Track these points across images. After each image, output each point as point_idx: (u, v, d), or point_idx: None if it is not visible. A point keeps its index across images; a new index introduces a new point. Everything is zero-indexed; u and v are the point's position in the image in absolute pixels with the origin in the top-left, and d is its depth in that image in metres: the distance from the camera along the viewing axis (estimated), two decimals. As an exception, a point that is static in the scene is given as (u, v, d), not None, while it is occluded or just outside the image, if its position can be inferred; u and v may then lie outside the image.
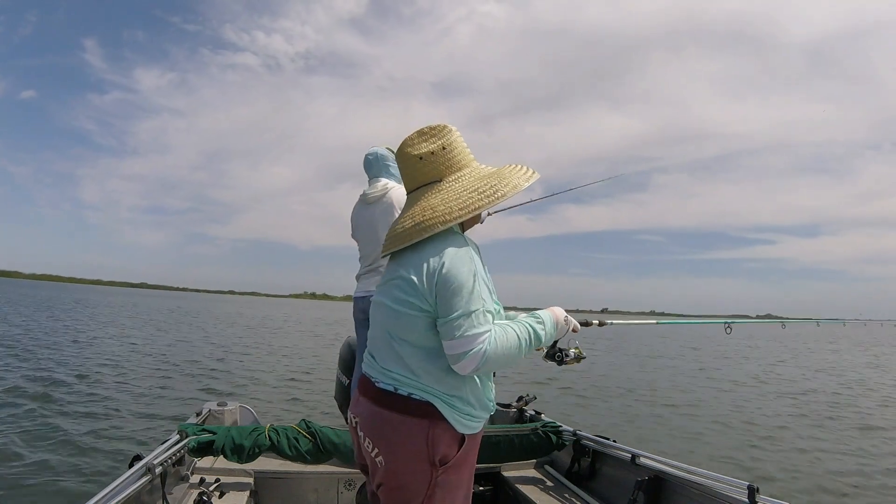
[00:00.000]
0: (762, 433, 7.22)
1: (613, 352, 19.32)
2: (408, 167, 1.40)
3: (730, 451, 6.22)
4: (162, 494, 2.01)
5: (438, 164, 1.36)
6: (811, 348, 27.82)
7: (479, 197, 1.32)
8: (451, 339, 1.25)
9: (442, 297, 1.26)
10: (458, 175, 1.36)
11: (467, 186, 1.34)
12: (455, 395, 1.31)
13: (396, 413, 1.30)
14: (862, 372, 16.27)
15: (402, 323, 1.32)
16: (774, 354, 22.16)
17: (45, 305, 31.20)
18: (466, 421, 1.32)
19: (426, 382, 1.30)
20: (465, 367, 1.26)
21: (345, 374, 2.94)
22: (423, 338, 1.31)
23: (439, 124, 1.39)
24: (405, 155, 1.39)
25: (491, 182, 1.34)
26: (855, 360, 20.65)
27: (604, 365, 14.59)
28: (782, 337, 37.36)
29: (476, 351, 1.24)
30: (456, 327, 1.24)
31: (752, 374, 14.15)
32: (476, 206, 1.31)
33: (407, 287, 1.30)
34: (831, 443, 6.88)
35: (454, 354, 1.26)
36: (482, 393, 1.37)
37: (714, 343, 27.32)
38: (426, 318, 1.29)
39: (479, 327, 1.25)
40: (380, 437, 1.32)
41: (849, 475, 5.48)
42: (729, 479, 1.95)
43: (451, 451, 1.31)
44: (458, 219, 1.30)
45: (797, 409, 9.15)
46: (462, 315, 1.24)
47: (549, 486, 2.65)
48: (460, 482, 1.35)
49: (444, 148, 1.36)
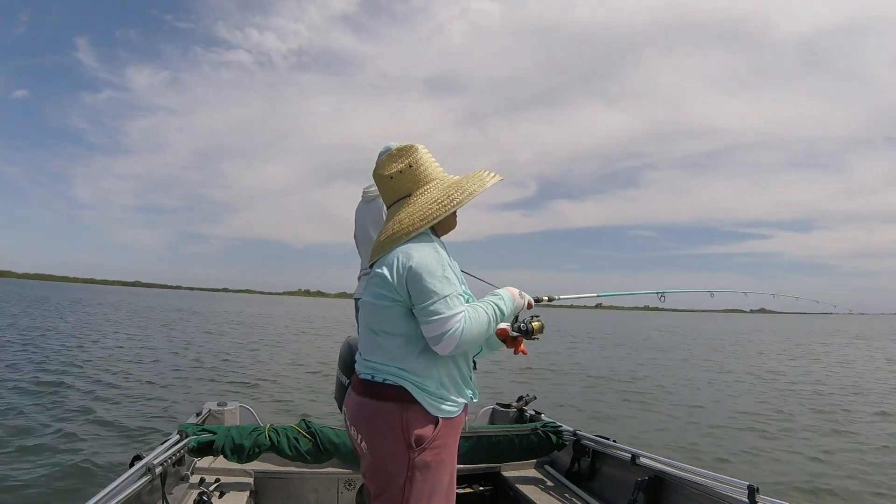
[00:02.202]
0: (763, 431, 7.22)
1: (612, 346, 19.41)
2: (382, 186, 1.58)
3: (730, 451, 6.22)
4: (162, 494, 2.01)
5: (407, 181, 1.54)
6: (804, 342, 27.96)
7: (437, 207, 1.50)
8: (429, 322, 1.38)
9: (414, 286, 1.40)
10: (424, 189, 1.54)
11: (429, 199, 1.51)
12: (428, 378, 1.43)
13: (373, 399, 1.44)
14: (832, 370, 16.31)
15: (379, 315, 1.46)
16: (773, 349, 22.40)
17: (38, 305, 31.06)
18: (439, 404, 1.43)
19: (399, 367, 1.43)
20: (446, 348, 1.39)
21: (344, 374, 2.93)
22: (397, 326, 1.44)
23: (407, 145, 1.56)
24: (378, 177, 1.58)
25: (449, 192, 1.51)
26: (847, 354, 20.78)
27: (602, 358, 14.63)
28: (781, 331, 37.39)
29: (454, 331, 1.38)
30: (432, 311, 1.38)
31: (747, 371, 14.18)
32: (434, 216, 1.48)
33: (380, 282, 1.45)
34: (830, 442, 6.88)
35: (433, 336, 1.39)
36: (458, 377, 1.49)
37: (718, 341, 27.41)
38: (399, 307, 1.43)
39: (454, 309, 1.39)
40: (361, 423, 1.46)
41: (848, 475, 5.48)
42: (729, 479, 1.96)
43: (426, 433, 1.41)
44: (419, 229, 1.47)
45: (798, 407, 9.16)
46: (437, 300, 1.38)
47: (549, 486, 2.65)
48: (440, 466, 1.45)
49: (410, 166, 1.53)
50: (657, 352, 19.93)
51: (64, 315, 24.08)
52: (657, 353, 19.10)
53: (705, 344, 25.44)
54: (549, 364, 13.65)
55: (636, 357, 17.55)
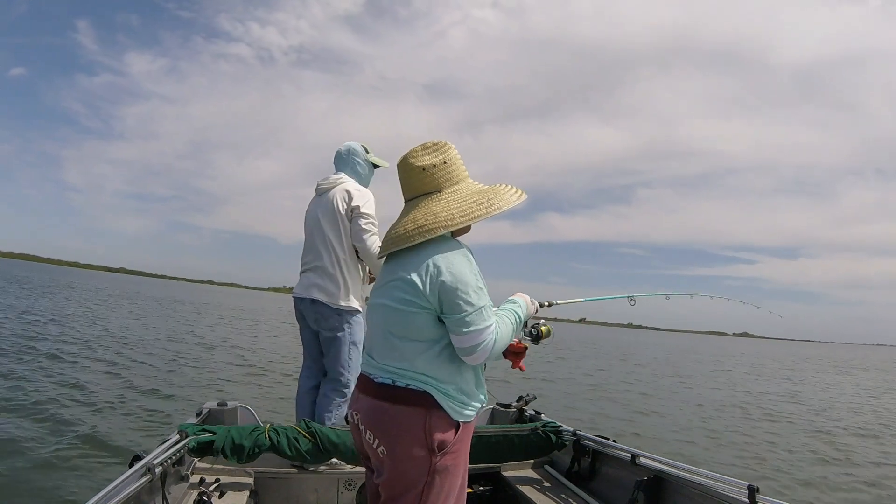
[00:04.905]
0: (764, 432, 7.23)
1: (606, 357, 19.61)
2: (410, 177, 1.52)
3: (731, 450, 6.23)
4: (162, 494, 2.01)
5: (439, 177, 1.50)
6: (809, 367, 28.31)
7: (478, 207, 1.47)
8: (463, 334, 1.39)
9: (447, 295, 1.38)
10: (455, 188, 1.51)
11: (466, 197, 1.48)
12: (450, 383, 1.42)
13: (395, 404, 1.41)
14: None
15: (403, 320, 1.43)
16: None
17: (26, 286, 30.55)
18: (461, 409, 1.44)
19: (423, 373, 1.41)
20: (478, 359, 1.41)
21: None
22: (421, 332, 1.42)
23: (441, 141, 1.54)
24: (409, 166, 1.51)
25: (488, 196, 1.49)
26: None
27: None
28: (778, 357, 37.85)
29: (487, 343, 1.40)
30: (467, 323, 1.38)
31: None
32: (475, 215, 1.46)
33: (407, 287, 1.41)
34: (830, 442, 6.89)
35: (466, 347, 1.40)
36: (475, 382, 1.49)
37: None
38: (426, 314, 1.41)
39: (488, 321, 1.41)
40: (380, 428, 1.43)
41: (849, 474, 5.48)
42: (729, 479, 1.96)
43: (448, 437, 1.41)
44: (458, 224, 1.44)
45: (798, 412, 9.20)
46: (472, 312, 1.38)
47: (548, 487, 2.65)
48: (457, 469, 1.46)
49: (444, 162, 1.50)
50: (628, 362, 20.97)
51: (57, 302, 23.59)
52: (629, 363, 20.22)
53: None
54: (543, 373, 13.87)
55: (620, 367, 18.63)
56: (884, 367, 36.87)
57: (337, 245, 2.78)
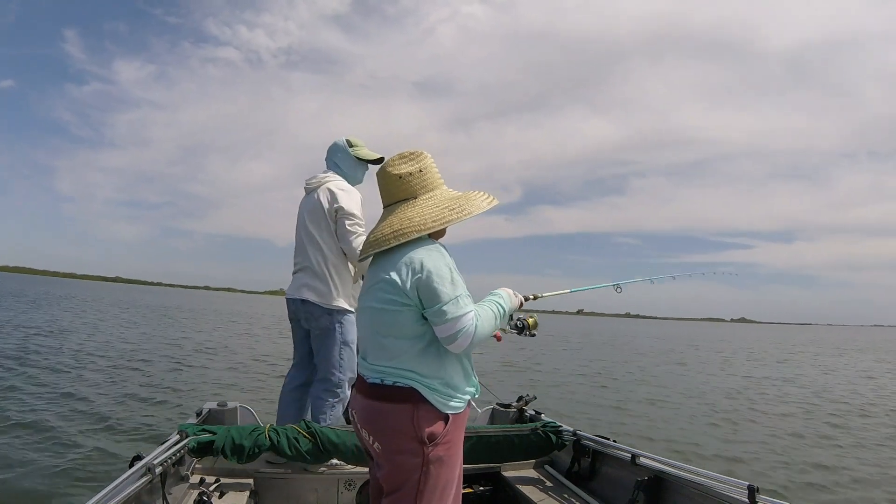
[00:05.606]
0: (764, 430, 7.23)
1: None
2: (388, 184, 1.61)
3: (731, 450, 6.23)
4: (162, 494, 2.01)
5: (415, 184, 1.59)
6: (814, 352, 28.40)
7: (450, 213, 1.56)
8: (443, 323, 1.45)
9: (425, 289, 1.45)
10: (430, 195, 1.59)
11: (439, 203, 1.57)
12: (435, 378, 1.49)
13: (385, 402, 1.49)
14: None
15: (386, 319, 1.51)
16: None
17: (28, 303, 30.84)
18: (447, 401, 1.50)
19: (409, 369, 1.48)
20: (461, 346, 1.47)
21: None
22: (405, 330, 1.49)
23: (417, 150, 1.62)
24: (387, 174, 1.61)
25: (460, 202, 1.58)
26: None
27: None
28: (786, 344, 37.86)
29: (467, 329, 1.46)
30: (445, 312, 1.44)
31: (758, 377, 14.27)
32: (448, 220, 1.54)
33: (389, 287, 1.49)
34: (830, 442, 6.88)
35: (447, 336, 1.46)
36: (462, 374, 1.56)
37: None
38: (409, 311, 1.48)
39: (465, 308, 1.47)
40: (374, 425, 1.53)
41: (847, 475, 5.48)
42: (729, 479, 1.96)
43: (437, 429, 1.48)
44: (431, 228, 1.52)
45: (798, 409, 9.20)
46: (449, 301, 1.45)
47: (549, 487, 2.65)
48: (451, 459, 1.53)
49: (420, 171, 1.59)
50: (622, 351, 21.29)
51: (54, 313, 23.79)
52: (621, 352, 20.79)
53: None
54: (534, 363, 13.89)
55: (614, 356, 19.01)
56: (885, 349, 36.49)
57: (324, 245, 2.77)
